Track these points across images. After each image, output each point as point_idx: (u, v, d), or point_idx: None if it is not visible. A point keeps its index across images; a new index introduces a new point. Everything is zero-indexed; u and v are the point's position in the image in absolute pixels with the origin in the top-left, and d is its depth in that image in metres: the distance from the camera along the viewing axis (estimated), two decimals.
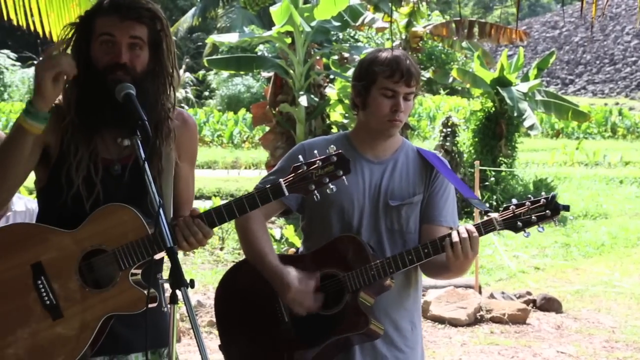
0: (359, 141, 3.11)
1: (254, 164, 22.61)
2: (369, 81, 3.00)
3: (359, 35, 28.36)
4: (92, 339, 2.55)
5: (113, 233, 2.57)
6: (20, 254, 2.58)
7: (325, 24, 13.65)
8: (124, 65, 2.59)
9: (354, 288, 2.94)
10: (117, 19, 2.61)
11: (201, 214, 2.59)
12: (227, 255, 10.92)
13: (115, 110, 2.58)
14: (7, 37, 33.96)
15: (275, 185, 2.59)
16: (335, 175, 2.59)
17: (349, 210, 3.04)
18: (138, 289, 2.57)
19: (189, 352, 6.72)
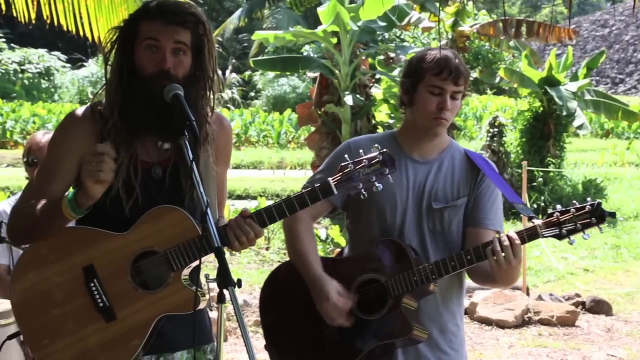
0: (405, 140, 3.09)
1: (300, 164, 22.67)
2: (417, 78, 2.98)
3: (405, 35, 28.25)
4: (146, 339, 2.58)
5: (164, 235, 2.59)
6: (72, 257, 2.61)
7: (371, 23, 13.63)
8: (167, 72, 2.61)
9: (397, 293, 2.93)
10: (162, 23, 2.62)
11: (252, 214, 2.60)
12: (272, 255, 10.96)
13: (158, 113, 2.60)
14: (57, 39, 34.54)
15: (324, 184, 2.59)
16: (382, 173, 2.59)
17: (392, 209, 3.02)
18: (191, 289, 2.59)
19: (235, 352, 6.76)
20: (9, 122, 25.81)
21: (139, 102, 2.62)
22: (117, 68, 2.66)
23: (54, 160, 2.68)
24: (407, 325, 2.92)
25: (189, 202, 2.68)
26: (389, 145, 3.03)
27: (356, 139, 3.17)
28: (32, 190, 2.70)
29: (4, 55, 35.00)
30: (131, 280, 2.58)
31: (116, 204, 2.62)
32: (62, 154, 2.66)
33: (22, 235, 2.74)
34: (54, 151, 2.70)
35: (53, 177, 2.66)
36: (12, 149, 24.31)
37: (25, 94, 33.17)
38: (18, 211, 2.69)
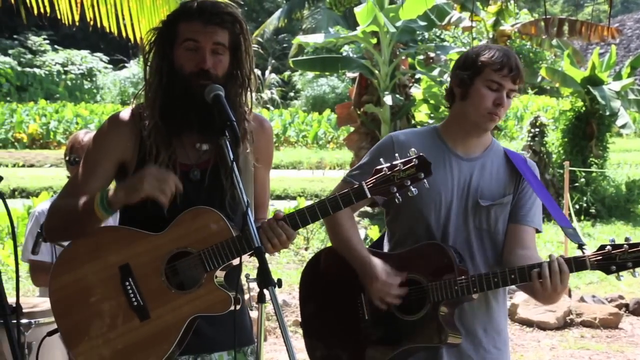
0: (449, 135, 3.05)
1: (339, 164, 22.66)
2: (475, 71, 2.93)
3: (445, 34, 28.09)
4: (178, 339, 2.59)
5: (199, 235, 2.61)
6: (109, 256, 2.64)
7: (411, 23, 13.58)
8: (207, 72, 2.62)
9: (436, 299, 2.90)
10: (200, 24, 2.64)
11: (285, 217, 2.60)
12: (311, 255, 10.97)
13: (198, 113, 2.62)
14: (99, 40, 34.96)
15: (358, 188, 2.58)
16: (417, 178, 2.56)
17: (437, 206, 2.99)
18: (223, 290, 2.60)
19: (274, 351, 6.78)
20: (53, 123, 26.19)
21: (179, 102, 2.64)
22: (157, 69, 2.68)
23: (92, 161, 2.72)
24: (442, 332, 2.89)
25: (230, 202, 2.69)
26: (433, 141, 3.02)
27: (399, 132, 3.14)
28: (70, 189, 2.74)
29: (48, 57, 35.52)
30: (165, 280, 2.61)
31: (156, 205, 2.63)
32: (101, 155, 2.70)
33: (57, 233, 2.79)
34: (94, 152, 2.73)
35: (91, 177, 2.69)
36: (55, 149, 24.65)
37: (69, 95, 33.63)
38: (55, 209, 2.73)
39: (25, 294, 7.47)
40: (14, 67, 33.47)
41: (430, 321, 2.90)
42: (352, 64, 14.53)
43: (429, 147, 3.00)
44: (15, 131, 25.66)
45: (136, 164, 2.67)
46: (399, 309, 2.95)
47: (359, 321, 3.00)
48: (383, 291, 2.92)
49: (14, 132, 25.61)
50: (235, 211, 2.70)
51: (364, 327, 3.00)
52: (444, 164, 2.98)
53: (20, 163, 22.09)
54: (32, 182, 17.63)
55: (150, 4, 5.11)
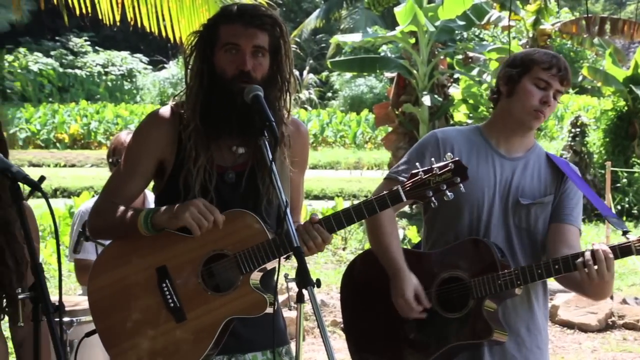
0: (492, 134, 3.05)
1: (377, 164, 22.62)
2: (524, 69, 2.94)
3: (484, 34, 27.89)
4: (214, 341, 2.60)
5: (234, 238, 2.62)
6: (146, 258, 2.66)
7: (449, 23, 13.50)
8: (248, 74, 2.63)
9: (480, 295, 2.89)
10: (241, 26, 2.64)
11: (320, 220, 2.60)
12: (349, 255, 10.96)
13: (239, 116, 2.63)
14: (139, 41, 35.29)
15: (393, 192, 2.57)
16: (453, 182, 2.55)
17: (479, 203, 2.98)
18: (259, 293, 2.61)
19: (312, 351, 6.78)
20: (93, 123, 26.50)
21: (219, 105, 2.65)
22: (198, 72, 2.69)
23: (132, 160, 2.74)
24: (487, 328, 2.88)
25: (267, 204, 2.69)
26: (475, 139, 3.02)
27: (443, 129, 3.14)
28: (112, 188, 2.77)
29: (89, 58, 35.96)
30: (202, 281, 2.62)
31: None
32: (141, 153, 2.72)
33: (100, 234, 2.86)
34: (133, 151, 2.76)
35: (131, 176, 2.72)
36: (96, 149, 24.95)
37: (109, 96, 34.01)
38: (97, 210, 2.76)
39: (67, 292, 7.57)
40: (56, 69, 33.94)
41: (475, 317, 2.89)
42: (390, 64, 14.49)
43: (473, 145, 3.01)
44: (57, 132, 26.02)
45: (174, 163, 2.69)
46: (442, 307, 2.94)
47: (402, 321, 2.99)
48: (403, 311, 2.94)
49: (55, 133, 25.96)
50: (270, 213, 2.71)
51: (407, 326, 2.99)
52: (487, 161, 2.98)
53: (61, 163, 22.39)
54: (74, 182, 17.86)
55: (189, 4, 5.15)
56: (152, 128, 2.75)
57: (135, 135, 2.82)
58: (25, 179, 2.25)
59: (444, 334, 2.94)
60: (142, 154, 2.72)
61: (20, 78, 32.06)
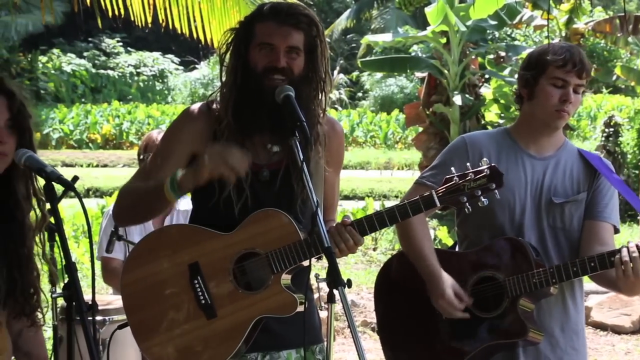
0: (520, 136, 3.03)
1: (407, 164, 22.55)
2: (539, 70, 2.93)
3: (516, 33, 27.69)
4: (243, 339, 2.61)
5: (267, 237, 2.63)
6: (179, 254, 2.68)
7: (481, 22, 13.42)
8: (283, 69, 2.64)
9: (515, 294, 2.87)
10: (275, 25, 2.66)
11: (353, 222, 2.60)
12: (380, 256, 10.94)
13: (271, 114, 2.63)
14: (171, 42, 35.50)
15: (427, 197, 2.57)
16: (488, 188, 2.54)
17: (510, 205, 2.97)
18: (289, 292, 2.62)
19: (342, 351, 6.78)
20: (125, 124, 26.70)
21: (251, 102, 2.66)
22: (232, 69, 2.71)
23: (166, 150, 2.76)
24: (523, 328, 2.86)
25: (299, 203, 2.70)
26: (504, 142, 3.00)
27: (471, 134, 3.13)
28: (141, 174, 2.79)
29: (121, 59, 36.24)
30: (233, 279, 2.63)
31: (227, 205, 2.66)
32: (175, 144, 2.74)
33: (126, 214, 2.84)
34: (167, 141, 2.79)
35: (163, 165, 2.73)
36: (127, 149, 25.13)
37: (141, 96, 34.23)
38: (125, 190, 2.79)
39: (99, 291, 7.63)
40: (88, 70, 34.25)
41: (510, 317, 2.88)
42: (421, 64, 14.44)
43: (501, 147, 2.99)
44: (89, 132, 26.25)
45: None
46: (476, 307, 2.92)
47: (437, 321, 2.99)
48: (447, 311, 2.93)
49: (88, 133, 26.20)
50: (304, 213, 2.71)
51: (441, 327, 2.99)
52: (517, 163, 2.96)
53: (94, 163, 22.59)
54: (106, 182, 18.01)
55: (220, 5, 5.18)
56: (187, 122, 2.78)
57: (170, 128, 2.85)
58: (59, 178, 2.28)
59: (478, 334, 2.93)
60: (175, 145, 2.75)
61: (54, 79, 32.40)
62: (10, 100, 2.46)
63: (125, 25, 5.87)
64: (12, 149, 2.45)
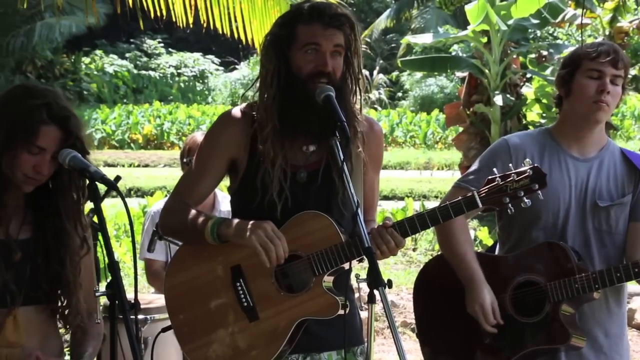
0: (562, 136, 3.00)
1: (447, 164, 22.40)
2: (574, 67, 2.90)
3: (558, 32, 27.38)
4: (286, 341, 2.62)
5: (308, 239, 2.64)
6: (221, 257, 2.69)
7: (523, 21, 13.29)
8: (328, 74, 2.64)
9: (556, 299, 2.84)
10: (320, 27, 2.65)
11: (394, 224, 2.60)
12: (419, 256, 10.89)
13: (316, 117, 2.63)
14: (211, 42, 35.72)
15: (469, 198, 2.55)
16: (531, 189, 2.52)
17: (554, 208, 2.93)
18: (331, 295, 2.62)
19: (382, 352, 6.76)
20: (166, 124, 26.91)
21: (297, 105, 2.66)
22: (274, 71, 2.70)
23: (203, 160, 2.78)
24: (565, 333, 2.83)
25: (338, 203, 2.69)
26: (546, 142, 2.97)
27: (512, 135, 3.10)
28: (183, 187, 2.82)
29: (162, 60, 36.55)
30: (275, 282, 2.63)
31: (271, 207, 2.67)
32: (213, 152, 2.75)
33: (170, 234, 2.89)
34: (206, 149, 2.80)
35: (203, 174, 2.75)
36: (168, 149, 25.32)
37: (181, 97, 34.47)
38: (169, 209, 2.81)
39: (140, 290, 7.67)
40: (130, 70, 34.59)
41: (552, 322, 2.84)
42: (461, 64, 14.35)
43: (544, 149, 2.96)
44: (131, 132, 26.51)
45: (247, 163, 2.71)
46: (517, 312, 2.90)
47: (476, 325, 2.96)
48: (480, 319, 2.90)
49: (130, 133, 26.45)
50: (343, 213, 2.71)
51: (482, 330, 2.96)
52: (560, 165, 2.93)
53: (135, 163, 22.79)
54: (147, 182, 18.16)
55: (261, 5, 5.20)
56: (223, 128, 2.78)
57: (207, 135, 2.86)
58: (102, 178, 2.31)
59: (519, 338, 2.90)
60: (212, 154, 2.76)
61: (97, 80, 32.78)
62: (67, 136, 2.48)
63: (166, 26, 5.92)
64: (49, 175, 2.49)
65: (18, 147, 2.46)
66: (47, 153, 2.47)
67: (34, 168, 2.47)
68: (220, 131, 2.80)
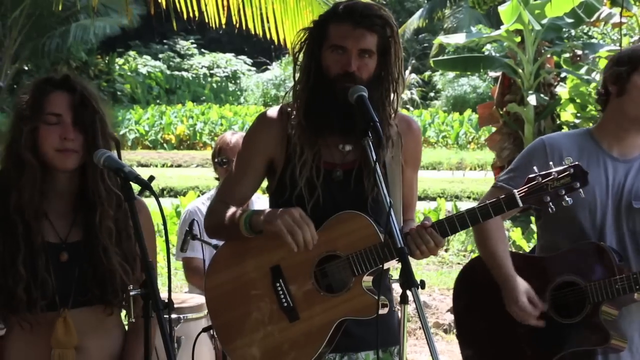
0: (605, 137, 2.95)
1: (480, 165, 22.27)
2: (632, 66, 2.85)
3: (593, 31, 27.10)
4: (326, 341, 2.62)
5: (347, 239, 2.63)
6: (261, 257, 2.70)
7: (557, 21, 13.16)
8: (352, 75, 2.63)
9: (596, 300, 2.81)
10: (350, 26, 2.65)
11: (433, 224, 2.59)
12: (452, 257, 10.84)
13: (341, 115, 2.63)
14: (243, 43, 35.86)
15: (509, 197, 2.53)
16: (572, 187, 2.49)
17: (591, 208, 2.90)
18: (370, 295, 2.61)
19: (415, 353, 6.74)
20: (199, 124, 27.06)
21: (323, 102, 2.67)
22: (305, 69, 2.72)
23: (242, 161, 2.79)
24: (605, 335, 2.80)
25: (372, 204, 2.69)
26: (586, 143, 2.94)
27: (550, 136, 3.07)
28: (225, 190, 2.85)
29: (195, 60, 36.77)
30: (314, 282, 2.64)
31: (300, 202, 2.68)
32: (251, 153, 2.77)
33: (214, 234, 2.91)
34: (244, 150, 2.82)
35: (242, 176, 2.77)
36: (201, 150, 25.47)
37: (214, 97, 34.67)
38: (211, 210, 2.84)
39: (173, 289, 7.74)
40: (163, 71, 34.85)
41: (592, 323, 2.81)
42: (494, 63, 14.25)
43: (583, 149, 2.93)
44: (164, 132, 26.70)
45: (284, 162, 2.72)
46: (557, 313, 2.87)
47: (516, 326, 2.94)
48: (520, 317, 2.88)
49: (163, 134, 26.65)
50: (377, 213, 2.70)
51: (521, 332, 2.94)
52: (599, 165, 2.89)
53: (168, 163, 22.96)
54: (180, 182, 18.28)
55: (294, 5, 5.21)
56: (260, 128, 2.80)
57: (245, 137, 2.89)
58: (137, 178, 2.32)
59: (559, 340, 2.88)
60: (250, 155, 2.78)
61: (130, 80, 33.08)
62: (73, 96, 2.52)
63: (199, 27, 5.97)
64: (82, 145, 2.51)
65: (34, 121, 2.49)
66: (64, 118, 2.50)
67: (60, 137, 2.49)
68: (257, 132, 2.82)
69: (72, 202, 2.59)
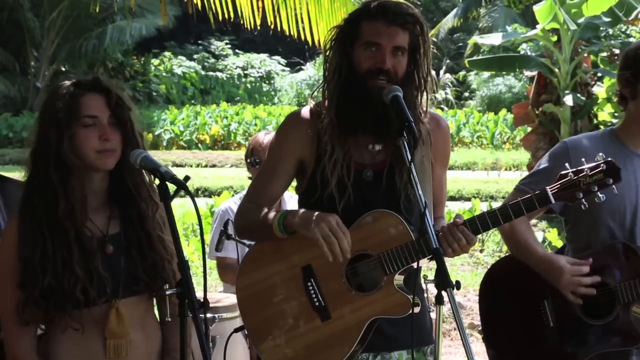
0: (628, 136, 2.93)
1: (515, 165, 22.10)
2: (638, 68, 2.82)
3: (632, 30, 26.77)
4: (358, 340, 2.62)
5: (378, 238, 2.63)
6: (292, 257, 2.71)
7: (594, 20, 13.01)
8: (387, 71, 2.63)
9: (626, 300, 2.78)
10: (383, 24, 2.65)
11: (465, 221, 2.58)
12: (486, 258, 10.77)
13: (373, 114, 2.62)
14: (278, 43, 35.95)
15: (541, 193, 2.51)
16: (605, 183, 2.47)
17: (620, 209, 2.87)
18: (402, 293, 2.61)
19: (449, 354, 6.71)
20: (233, 125, 27.18)
21: (355, 101, 2.67)
22: (336, 67, 2.72)
23: (273, 161, 2.80)
24: (636, 335, 2.76)
25: (405, 202, 2.69)
26: (611, 143, 2.91)
27: (573, 138, 3.05)
28: (255, 190, 2.85)
29: (229, 61, 36.93)
30: (346, 281, 2.64)
31: (331, 201, 2.69)
32: (282, 153, 2.77)
33: (244, 234, 2.92)
34: (274, 151, 2.82)
35: (273, 176, 2.77)
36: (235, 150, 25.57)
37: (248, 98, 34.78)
38: (242, 210, 2.84)
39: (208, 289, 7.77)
40: (198, 72, 35.05)
41: (622, 324, 2.79)
42: (530, 63, 14.12)
43: (607, 150, 2.89)
44: (199, 133, 26.86)
45: (314, 162, 2.73)
46: (586, 314, 2.84)
47: (544, 328, 2.92)
48: (573, 282, 2.83)
49: (197, 134, 26.80)
50: (409, 212, 2.70)
51: (549, 334, 2.91)
52: (625, 165, 2.86)
53: (203, 163, 23.08)
54: (214, 182, 18.37)
55: (328, 6, 5.22)
56: (291, 128, 2.80)
57: (276, 136, 2.89)
58: (172, 178, 2.35)
59: (589, 341, 2.85)
60: (281, 155, 2.78)
61: (165, 81, 33.31)
62: (108, 97, 2.55)
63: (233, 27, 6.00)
64: (119, 144, 2.55)
65: (71, 127, 2.53)
66: (101, 119, 2.55)
67: (100, 138, 2.53)
68: (288, 132, 2.82)
69: (105, 197, 2.63)
